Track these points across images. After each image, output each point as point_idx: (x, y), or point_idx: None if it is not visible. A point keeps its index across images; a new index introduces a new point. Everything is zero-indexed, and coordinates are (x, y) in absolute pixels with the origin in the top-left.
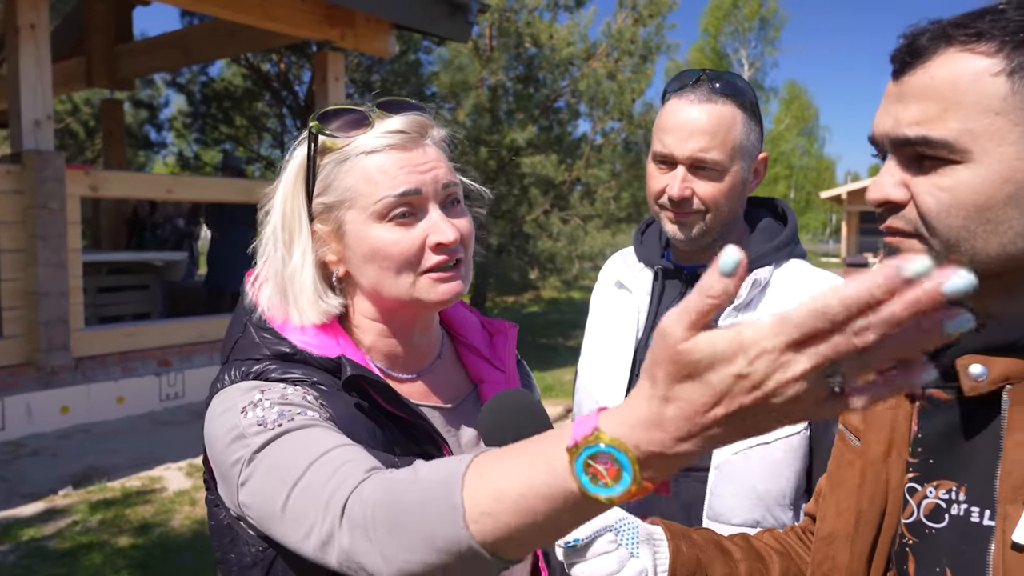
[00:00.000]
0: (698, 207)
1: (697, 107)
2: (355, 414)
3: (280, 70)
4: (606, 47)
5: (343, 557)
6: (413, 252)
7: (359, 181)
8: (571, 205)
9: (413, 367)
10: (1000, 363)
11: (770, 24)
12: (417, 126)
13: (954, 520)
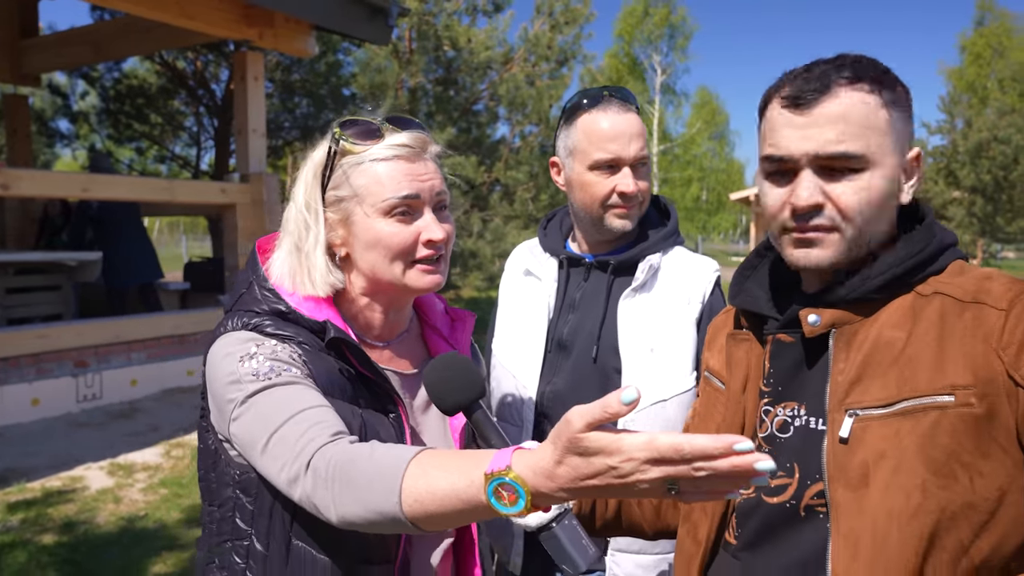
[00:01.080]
0: (640, 199)
1: (623, 116)
2: (332, 371)
3: (196, 68)
4: (524, 52)
5: (303, 496)
6: (408, 244)
7: (370, 182)
8: (491, 206)
9: (385, 337)
10: (828, 313)
11: (680, 32)
12: (420, 142)
13: (798, 430)
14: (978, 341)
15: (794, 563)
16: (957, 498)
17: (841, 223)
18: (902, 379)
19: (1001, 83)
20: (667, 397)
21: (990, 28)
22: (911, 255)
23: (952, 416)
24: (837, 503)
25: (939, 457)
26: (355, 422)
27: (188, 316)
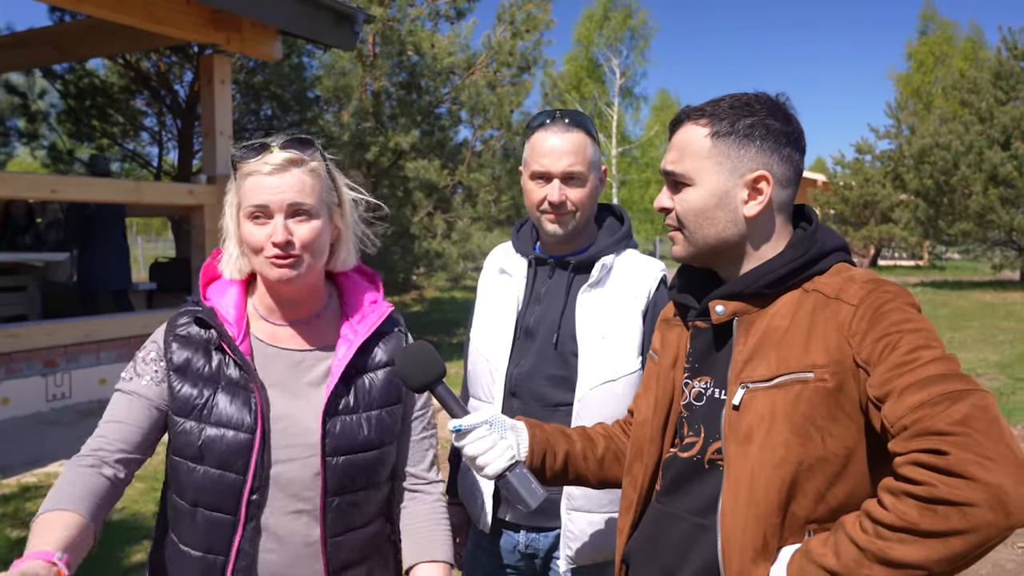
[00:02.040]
0: (571, 208)
1: (560, 136)
2: (201, 355)
3: (159, 69)
4: (485, 58)
5: None
6: (259, 243)
7: (243, 191)
8: (454, 208)
9: (287, 318)
10: (732, 304)
11: (639, 35)
12: (288, 161)
13: (707, 399)
14: (833, 330)
15: (699, 505)
16: (812, 453)
17: (677, 225)
18: (780, 359)
19: (944, 90)
20: (616, 377)
21: (932, 37)
22: (793, 259)
23: (810, 389)
24: (729, 457)
25: (799, 420)
26: (200, 399)
27: (157, 315)
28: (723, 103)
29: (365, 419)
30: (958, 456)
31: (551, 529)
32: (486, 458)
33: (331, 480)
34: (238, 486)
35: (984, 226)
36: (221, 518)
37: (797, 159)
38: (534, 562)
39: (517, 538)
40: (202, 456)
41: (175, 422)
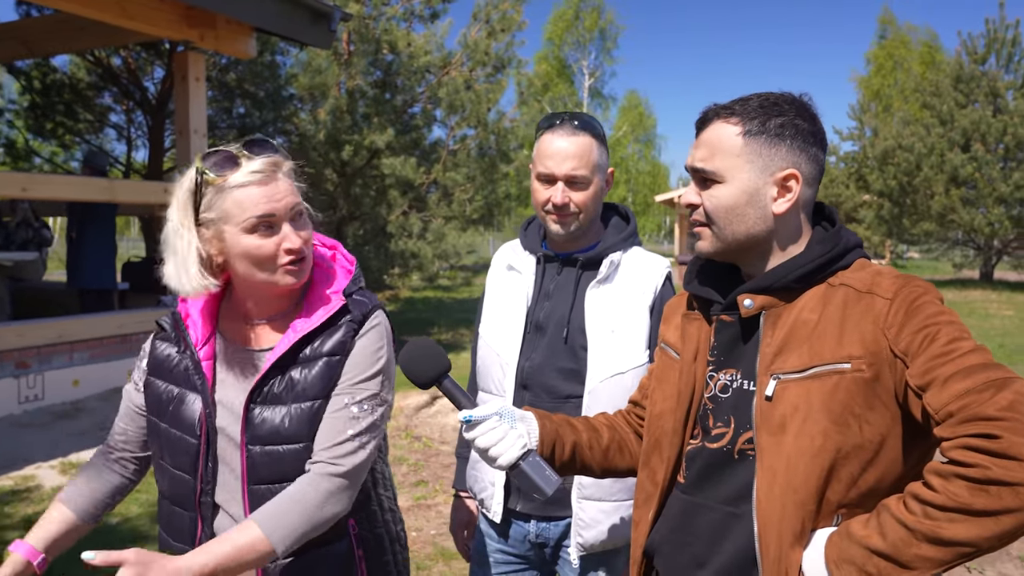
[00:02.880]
0: (574, 210)
1: (566, 139)
2: (171, 354)
3: (129, 65)
4: (461, 57)
5: None
6: (271, 254)
7: (232, 205)
8: (429, 206)
9: (262, 315)
10: (760, 298)
11: (608, 35)
12: (272, 165)
13: (735, 391)
14: (869, 322)
15: (730, 495)
16: (850, 441)
17: (706, 221)
18: (813, 351)
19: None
20: (625, 370)
21: (890, 41)
22: (822, 254)
23: (848, 379)
24: (762, 446)
25: (837, 409)
26: (166, 398)
27: (132, 316)
28: (752, 102)
29: (294, 410)
30: (1011, 440)
31: (562, 518)
32: (498, 449)
33: (251, 470)
34: (191, 486)
35: (945, 226)
36: (184, 514)
37: (822, 158)
38: (544, 551)
39: (527, 528)
40: (163, 455)
41: (148, 418)
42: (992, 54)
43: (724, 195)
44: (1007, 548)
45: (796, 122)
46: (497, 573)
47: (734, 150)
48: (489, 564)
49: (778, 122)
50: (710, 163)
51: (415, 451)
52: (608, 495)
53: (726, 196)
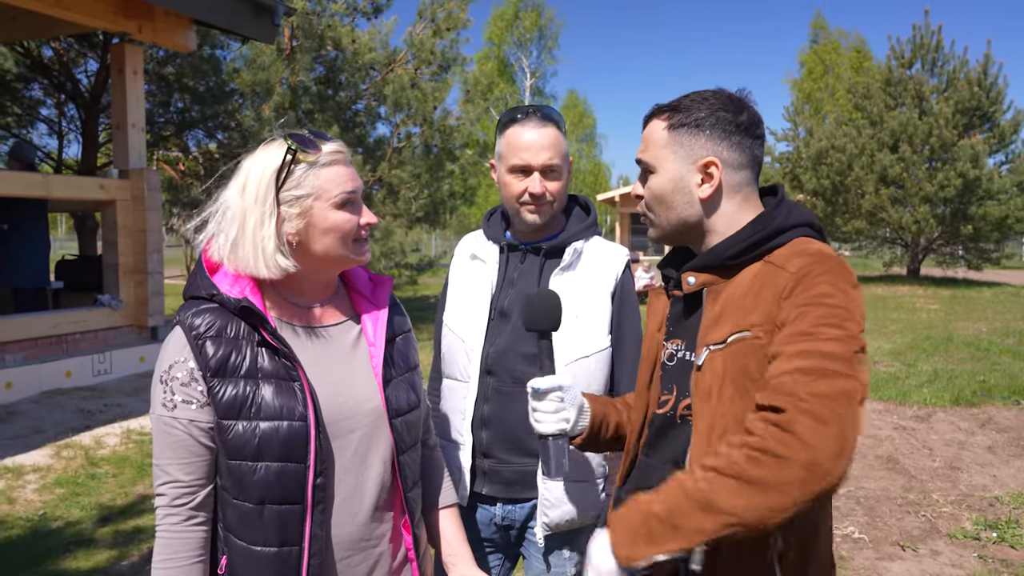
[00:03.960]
0: (549, 199)
1: (537, 130)
2: (236, 351)
3: (60, 57)
4: (406, 55)
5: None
6: (355, 228)
7: (325, 181)
8: (374, 204)
9: (320, 299)
10: (701, 276)
11: (548, 34)
12: (344, 148)
13: (678, 360)
14: (773, 294)
15: (673, 455)
16: (749, 405)
17: (646, 210)
18: (733, 322)
19: (835, 96)
20: (589, 353)
21: (822, 46)
22: (751, 234)
23: (747, 345)
24: (696, 412)
25: (738, 376)
26: (245, 398)
27: (67, 315)
28: (685, 99)
29: (405, 381)
30: (793, 416)
31: (527, 500)
32: (544, 417)
33: (399, 440)
34: (302, 474)
35: (876, 224)
36: (290, 509)
37: (749, 144)
38: (509, 533)
39: (493, 511)
40: (261, 453)
41: (225, 427)
42: (918, 59)
43: (656, 184)
44: (937, 526)
45: (718, 113)
46: None
47: (661, 142)
48: None
49: (700, 114)
50: (644, 155)
51: None
52: (572, 475)
53: (657, 185)
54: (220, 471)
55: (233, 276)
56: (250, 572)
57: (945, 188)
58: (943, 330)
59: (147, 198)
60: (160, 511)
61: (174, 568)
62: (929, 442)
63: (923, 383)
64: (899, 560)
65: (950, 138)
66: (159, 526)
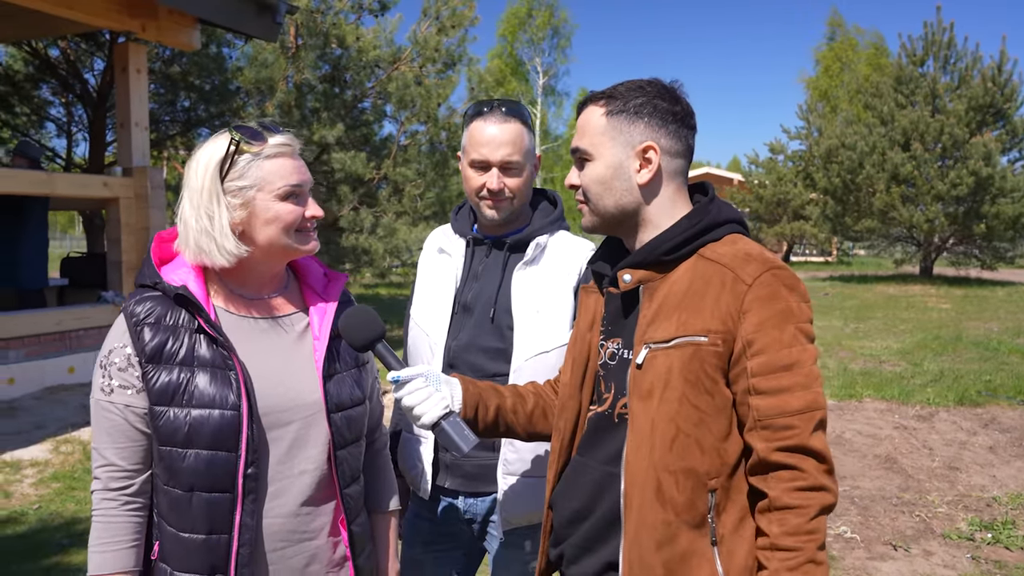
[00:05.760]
0: (508, 195)
1: (498, 126)
2: (174, 339)
3: (68, 57)
4: (411, 53)
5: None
6: (297, 219)
7: (268, 173)
8: (379, 202)
9: (263, 291)
10: (638, 273)
11: (561, 33)
12: (293, 141)
13: (618, 359)
14: (726, 302)
15: (609, 455)
16: (702, 405)
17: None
18: (679, 322)
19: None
20: (549, 349)
21: (839, 43)
22: (688, 227)
23: (703, 351)
24: (633, 411)
25: (691, 378)
26: (178, 384)
27: (71, 312)
28: (620, 87)
29: (349, 376)
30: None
31: (488, 494)
32: (422, 408)
33: (337, 435)
34: (232, 463)
35: (887, 223)
36: (220, 497)
37: (685, 134)
38: (472, 527)
39: (455, 504)
40: (191, 440)
41: (157, 412)
42: (930, 56)
43: (594, 171)
44: (931, 526)
45: (655, 102)
46: (427, 551)
47: (599, 129)
48: (420, 543)
49: (638, 102)
50: (581, 142)
51: None
52: (531, 470)
53: (595, 171)
54: (153, 457)
55: (180, 264)
56: (180, 558)
57: (957, 186)
58: (953, 329)
59: (150, 196)
60: (97, 495)
61: (110, 552)
62: (929, 442)
63: (928, 383)
64: (890, 560)
65: (962, 136)
66: (96, 510)
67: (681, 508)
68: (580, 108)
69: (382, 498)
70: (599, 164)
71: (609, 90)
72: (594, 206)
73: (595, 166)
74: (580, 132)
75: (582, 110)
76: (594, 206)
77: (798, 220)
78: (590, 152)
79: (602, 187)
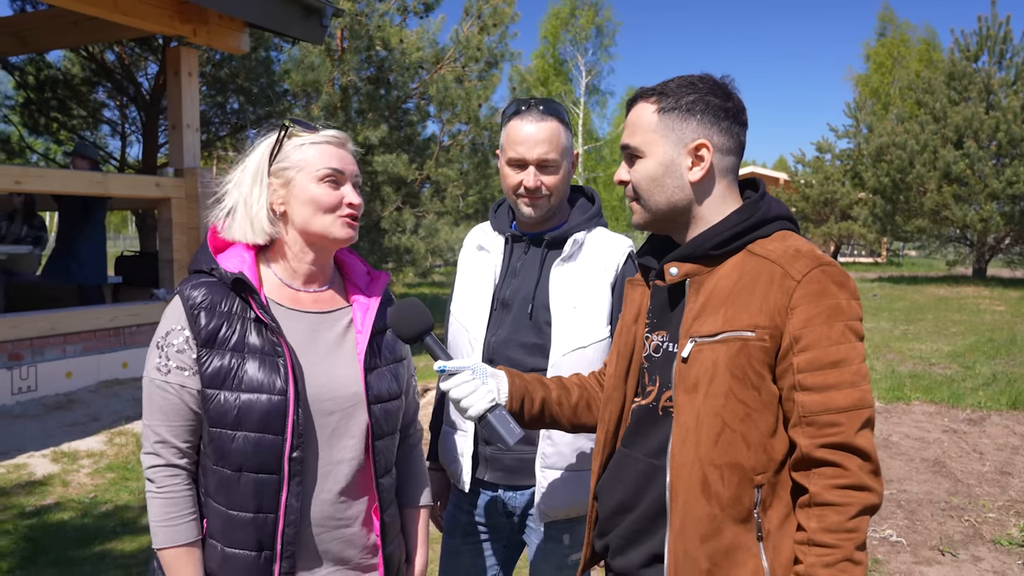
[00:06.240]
0: (545, 193)
1: (536, 124)
2: (227, 324)
3: (123, 61)
4: (453, 52)
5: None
6: (334, 203)
7: (307, 156)
8: (422, 202)
9: (311, 284)
10: (684, 266)
11: (605, 32)
12: (343, 137)
13: (663, 352)
14: (776, 298)
15: (654, 448)
16: (749, 399)
17: (633, 195)
18: (725, 317)
19: (900, 91)
20: (587, 344)
21: (890, 39)
22: (738, 223)
23: (750, 346)
24: (678, 404)
25: (739, 372)
26: (230, 369)
27: (124, 309)
28: (671, 84)
29: (389, 371)
30: (860, 477)
31: (527, 487)
32: (469, 400)
33: (375, 426)
34: (279, 446)
35: (939, 223)
36: (267, 478)
37: (737, 131)
38: (511, 519)
39: (495, 496)
40: (239, 423)
41: (209, 395)
42: (984, 51)
43: (646, 168)
44: (980, 532)
45: (707, 98)
46: (467, 542)
47: (650, 126)
48: (459, 534)
49: (690, 99)
50: (632, 139)
51: None
52: (569, 464)
53: (647, 169)
54: (203, 438)
55: (238, 252)
56: (229, 535)
57: (1014, 184)
58: (1007, 332)
59: (201, 196)
60: (157, 471)
61: (180, 525)
62: (980, 446)
63: (979, 386)
64: (937, 565)
65: (1019, 133)
66: (156, 486)
67: (726, 503)
68: (630, 104)
69: (415, 492)
70: (650, 162)
71: (660, 86)
72: (645, 203)
73: (646, 163)
74: (631, 129)
75: (632, 106)
76: (645, 203)
77: (845, 220)
78: (641, 149)
79: (653, 184)
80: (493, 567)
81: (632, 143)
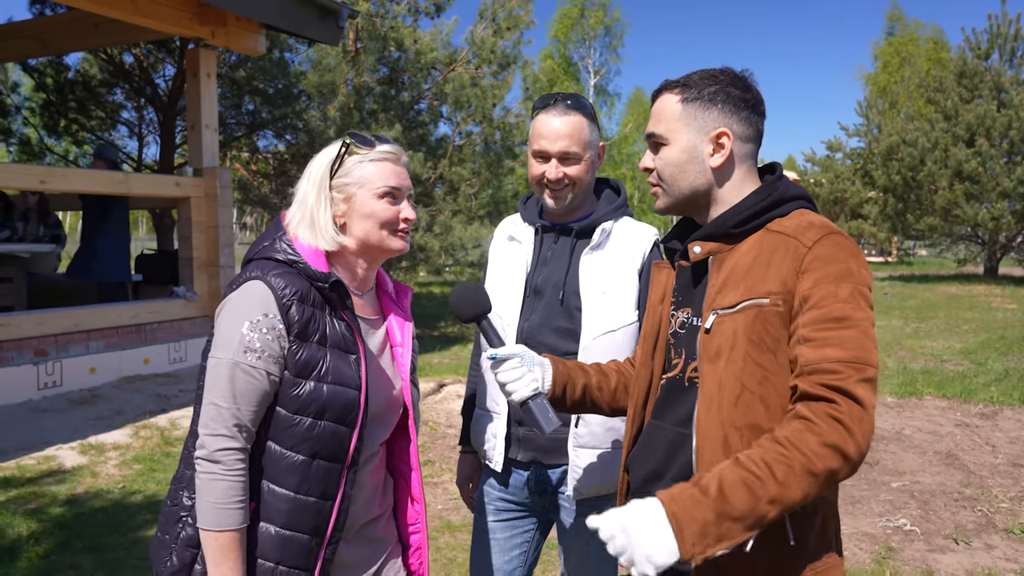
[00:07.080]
0: (567, 183)
1: (559, 118)
2: (313, 317)
3: (140, 63)
4: (467, 54)
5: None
6: (392, 218)
7: (370, 173)
8: (435, 201)
9: (361, 288)
10: (707, 245)
11: (614, 33)
12: (400, 152)
13: (688, 327)
14: (788, 264)
15: (681, 417)
16: (766, 363)
17: (658, 181)
18: (744, 288)
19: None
20: (616, 328)
21: (898, 38)
22: (756, 203)
23: (765, 311)
24: (703, 373)
25: (755, 337)
26: (319, 360)
27: (145, 306)
28: (693, 76)
29: (414, 382)
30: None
31: (558, 465)
32: (514, 386)
33: (416, 420)
34: (347, 437)
35: (950, 221)
36: (334, 467)
37: (756, 120)
38: (543, 497)
39: (527, 475)
40: (323, 412)
41: (295, 383)
42: (995, 49)
43: (670, 155)
44: (993, 521)
45: (728, 89)
46: (499, 520)
47: (675, 115)
48: (491, 512)
49: (712, 90)
50: (657, 128)
51: (422, 434)
52: (601, 443)
53: (671, 155)
54: (273, 425)
55: (317, 256)
56: (291, 518)
57: None
58: (1019, 330)
59: (219, 195)
60: (223, 453)
61: (242, 509)
62: (993, 439)
63: (992, 381)
64: (951, 553)
65: None
66: (224, 467)
67: None
68: (655, 96)
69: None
70: (674, 148)
71: (684, 78)
72: (668, 187)
73: (670, 150)
74: (656, 118)
75: (657, 98)
76: (668, 187)
77: (856, 219)
78: (666, 137)
79: (676, 170)
80: (524, 544)
81: (657, 131)
